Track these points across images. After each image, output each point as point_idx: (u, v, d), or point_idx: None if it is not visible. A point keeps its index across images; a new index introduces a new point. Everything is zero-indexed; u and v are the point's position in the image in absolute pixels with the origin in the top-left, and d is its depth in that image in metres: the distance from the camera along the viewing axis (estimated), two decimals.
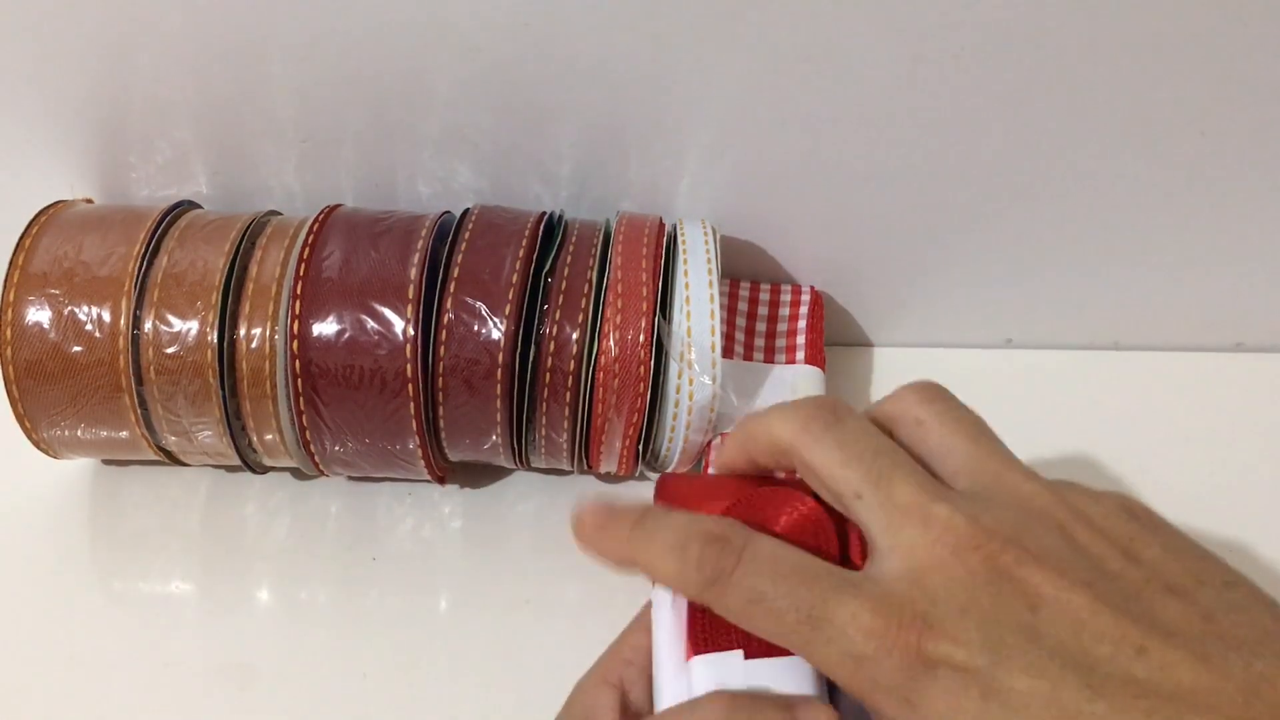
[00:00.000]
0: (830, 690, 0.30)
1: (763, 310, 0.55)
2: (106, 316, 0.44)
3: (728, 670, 0.30)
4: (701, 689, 0.29)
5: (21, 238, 0.46)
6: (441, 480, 0.49)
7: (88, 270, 0.45)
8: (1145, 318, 0.57)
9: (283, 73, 0.48)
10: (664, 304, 0.45)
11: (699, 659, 0.30)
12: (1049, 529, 0.28)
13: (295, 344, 0.44)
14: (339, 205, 0.49)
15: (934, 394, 0.32)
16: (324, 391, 0.44)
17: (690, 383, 0.45)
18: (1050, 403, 0.55)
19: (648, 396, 0.44)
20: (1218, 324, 0.57)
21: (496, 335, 0.44)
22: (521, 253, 0.45)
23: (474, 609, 0.48)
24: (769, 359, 0.53)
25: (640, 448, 0.47)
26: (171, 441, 0.47)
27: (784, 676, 0.30)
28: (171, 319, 0.44)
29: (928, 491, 0.28)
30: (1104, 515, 0.29)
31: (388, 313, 0.44)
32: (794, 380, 0.51)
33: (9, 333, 0.44)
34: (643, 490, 0.52)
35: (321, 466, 0.48)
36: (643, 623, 0.33)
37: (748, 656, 0.30)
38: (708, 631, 0.30)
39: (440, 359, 0.44)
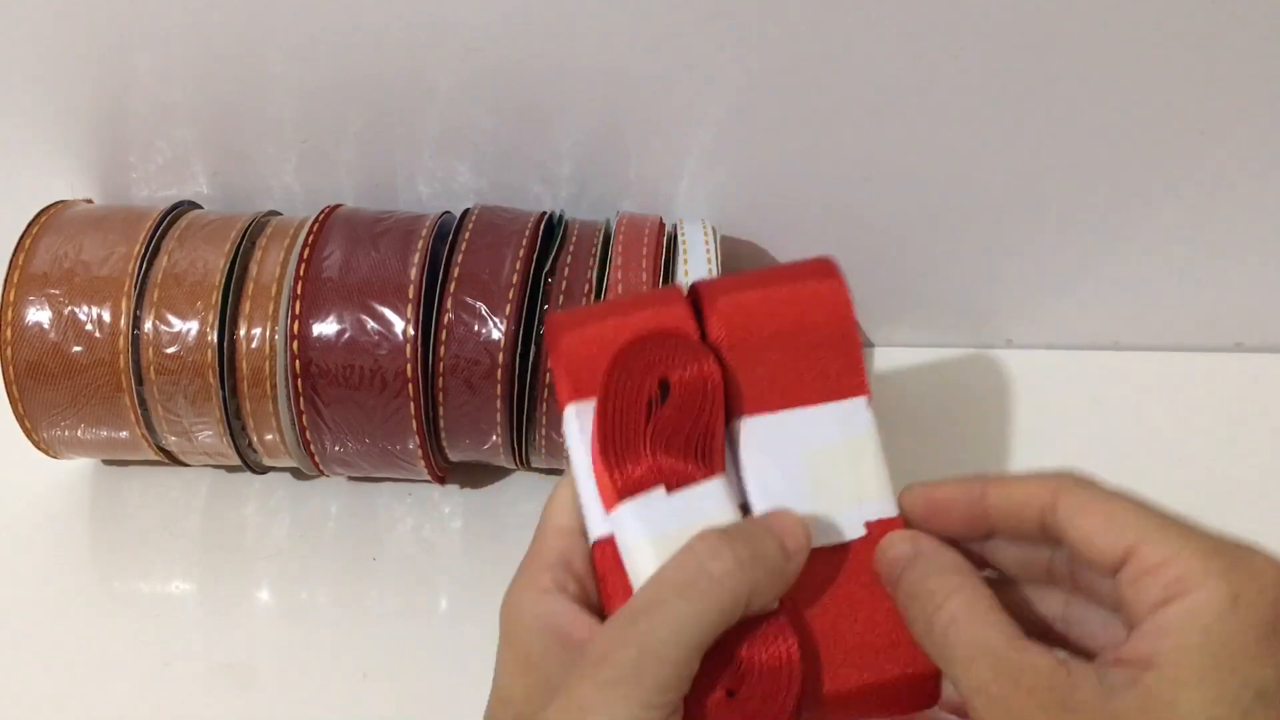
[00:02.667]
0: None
1: None
2: (106, 316, 0.44)
3: (653, 508, 0.31)
4: (634, 532, 0.30)
5: (22, 238, 0.46)
6: (441, 480, 0.49)
7: (88, 270, 0.45)
8: (1145, 318, 0.57)
9: (283, 73, 0.48)
10: None
11: (624, 504, 0.31)
12: None
13: (295, 344, 0.44)
14: (339, 205, 0.49)
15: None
16: (324, 391, 0.44)
17: None
18: (1050, 403, 0.55)
19: None
20: (1218, 324, 0.57)
21: (496, 335, 0.44)
22: (522, 253, 0.45)
23: (474, 609, 0.48)
24: None
25: None
26: (171, 441, 0.47)
27: (705, 501, 0.31)
28: (171, 319, 0.44)
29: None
30: None
31: (388, 313, 0.44)
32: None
33: (9, 333, 0.44)
34: None
35: (321, 466, 0.48)
36: (550, 526, 0.33)
37: (669, 490, 0.31)
38: (628, 478, 0.31)
39: (440, 359, 0.44)
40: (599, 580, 0.32)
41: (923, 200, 0.52)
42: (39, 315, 0.45)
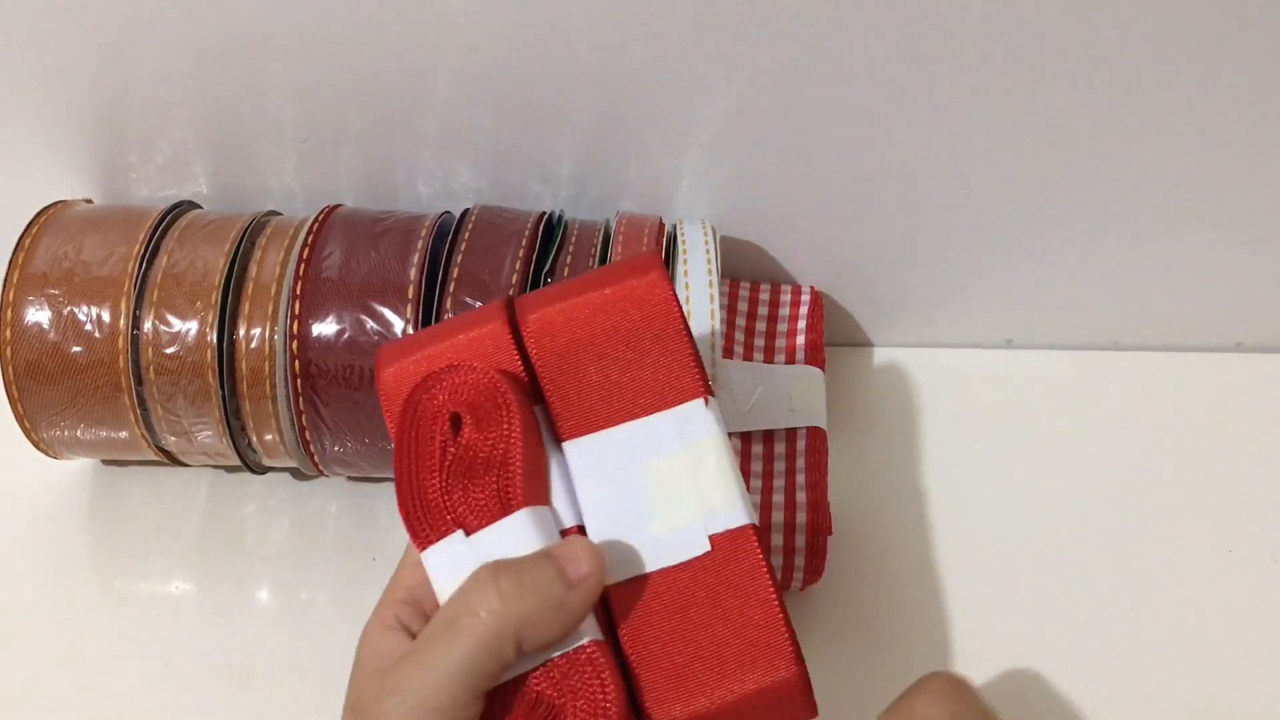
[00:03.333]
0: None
1: (762, 310, 0.55)
2: (106, 316, 0.44)
3: (455, 552, 0.30)
4: (440, 579, 0.30)
5: (21, 238, 0.46)
6: None
7: (87, 270, 0.45)
8: (1145, 318, 0.57)
9: (283, 73, 0.48)
10: None
11: (426, 553, 0.30)
12: None
13: (295, 344, 0.44)
14: (339, 205, 0.49)
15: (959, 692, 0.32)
16: (324, 392, 0.44)
17: None
18: (1050, 403, 0.55)
19: None
20: (1218, 324, 0.57)
21: None
22: (521, 253, 0.45)
23: None
24: (768, 359, 0.53)
25: None
26: (171, 442, 0.47)
27: (510, 537, 0.29)
28: (171, 319, 0.44)
29: None
30: None
31: (387, 313, 0.44)
32: (793, 380, 0.51)
33: (9, 333, 0.44)
34: None
35: (321, 467, 0.48)
36: (405, 558, 0.32)
37: (469, 533, 0.30)
38: (424, 524, 0.30)
39: None
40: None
41: (922, 200, 0.51)
42: (39, 315, 0.45)
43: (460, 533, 0.30)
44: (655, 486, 0.31)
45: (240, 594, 0.48)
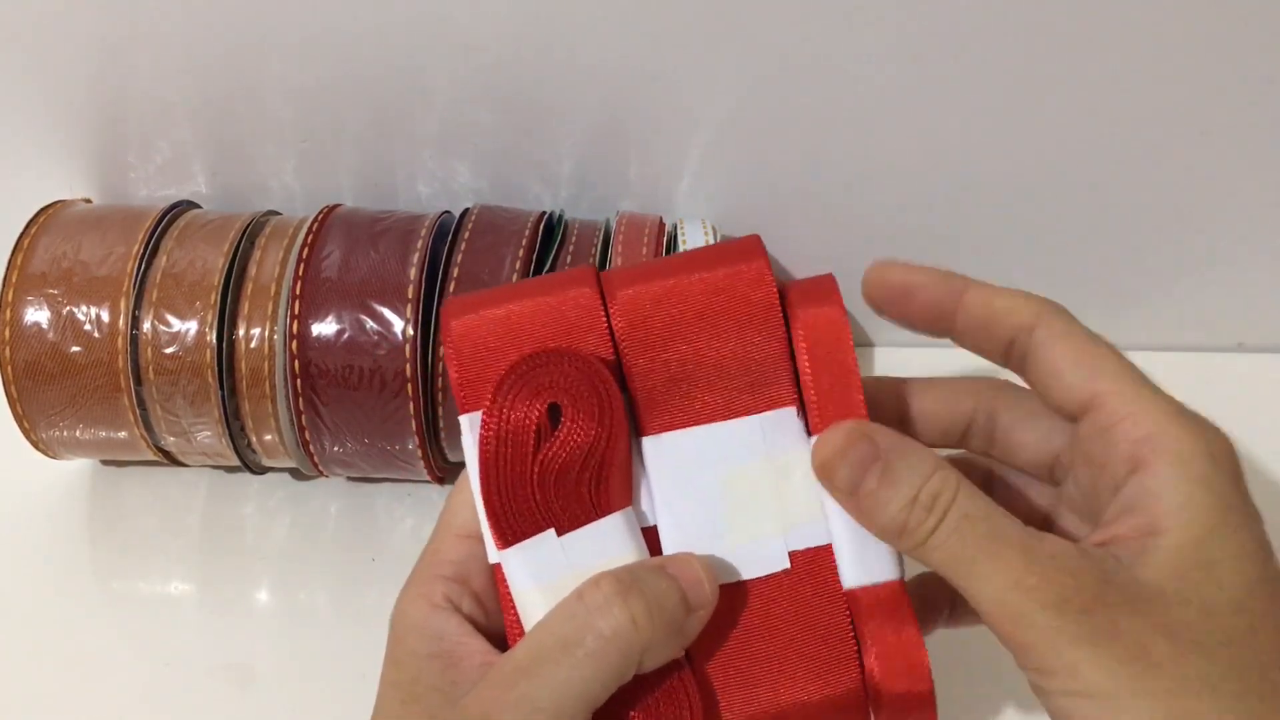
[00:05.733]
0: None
1: None
2: (105, 316, 0.44)
3: (545, 553, 0.28)
4: (523, 581, 0.28)
5: (20, 238, 0.46)
6: (441, 481, 0.49)
7: (86, 270, 0.45)
8: (1146, 317, 0.57)
9: (282, 73, 0.48)
10: None
11: (510, 551, 0.28)
12: None
13: (294, 344, 0.44)
14: (338, 205, 0.49)
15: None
16: (323, 392, 0.44)
17: None
18: None
19: None
20: (1218, 324, 0.57)
21: None
22: (521, 253, 0.45)
23: None
24: None
25: None
26: (170, 442, 0.47)
27: (600, 542, 0.28)
28: (170, 319, 0.44)
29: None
30: None
31: (387, 313, 0.44)
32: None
33: (7, 333, 0.44)
34: None
35: (321, 467, 0.48)
36: (449, 529, 0.31)
37: (560, 533, 0.28)
38: (512, 521, 0.28)
39: (440, 359, 0.44)
40: (501, 602, 0.29)
41: (923, 200, 0.51)
42: (37, 315, 0.44)
43: (551, 532, 0.28)
44: (736, 495, 0.29)
45: (240, 594, 0.48)
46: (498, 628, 0.30)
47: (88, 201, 0.51)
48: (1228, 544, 0.26)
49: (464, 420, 0.30)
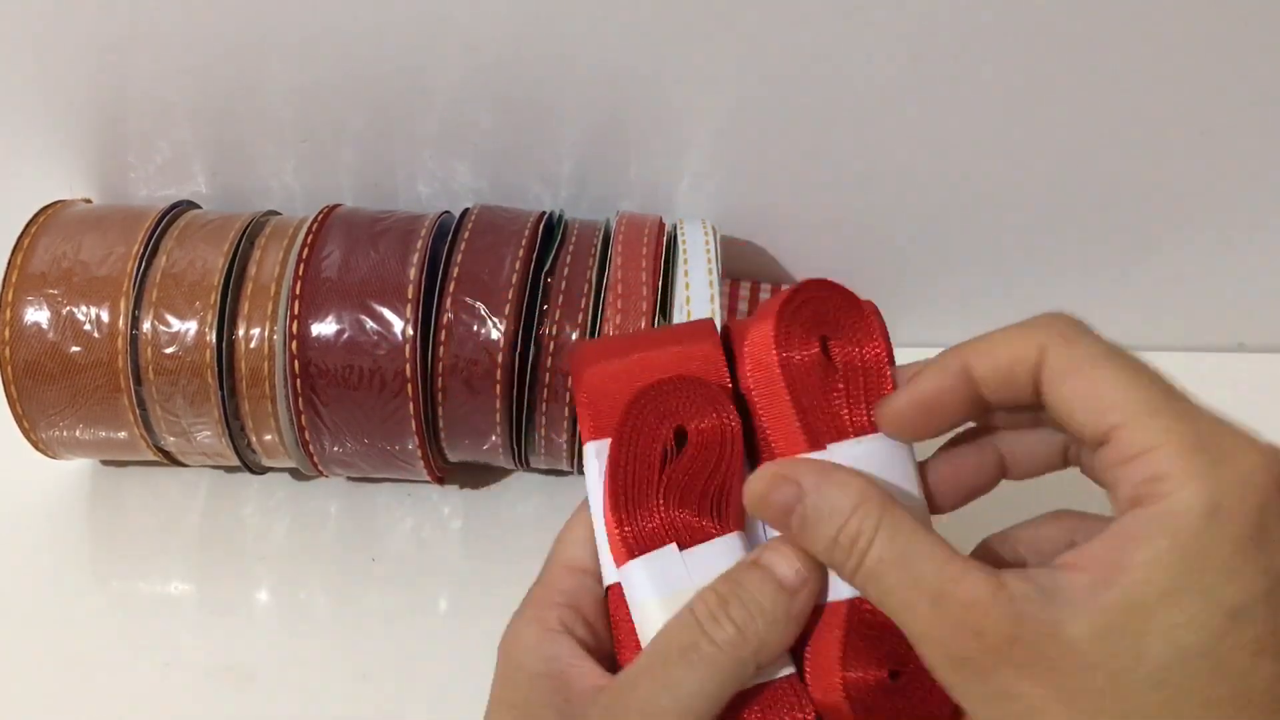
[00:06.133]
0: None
1: None
2: (105, 316, 0.44)
3: (667, 565, 0.29)
4: (644, 591, 0.29)
5: (20, 238, 0.46)
6: (440, 481, 0.49)
7: (86, 270, 0.45)
8: (1146, 317, 0.57)
9: (282, 73, 0.48)
10: (664, 304, 0.45)
11: (633, 562, 0.29)
12: None
13: (294, 344, 0.44)
14: (338, 205, 0.48)
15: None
16: (323, 392, 0.44)
17: None
18: None
19: None
20: (1218, 324, 0.57)
21: (496, 335, 0.44)
22: (521, 253, 0.45)
23: (474, 609, 0.48)
24: None
25: None
26: (170, 442, 0.47)
27: (719, 559, 0.29)
28: (170, 319, 0.44)
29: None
30: None
31: (387, 313, 0.44)
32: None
33: (7, 333, 0.44)
34: None
35: (320, 467, 0.48)
36: (560, 561, 0.32)
37: (682, 547, 0.29)
38: (640, 534, 0.30)
39: (440, 359, 0.44)
40: (614, 625, 0.31)
41: (923, 200, 0.51)
42: (37, 315, 0.44)
43: (673, 546, 0.30)
44: None
45: (239, 594, 0.48)
46: (608, 654, 0.31)
47: (88, 201, 0.51)
48: (1174, 611, 0.23)
49: (590, 448, 0.31)
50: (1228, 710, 0.23)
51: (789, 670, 0.29)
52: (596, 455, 0.31)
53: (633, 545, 0.30)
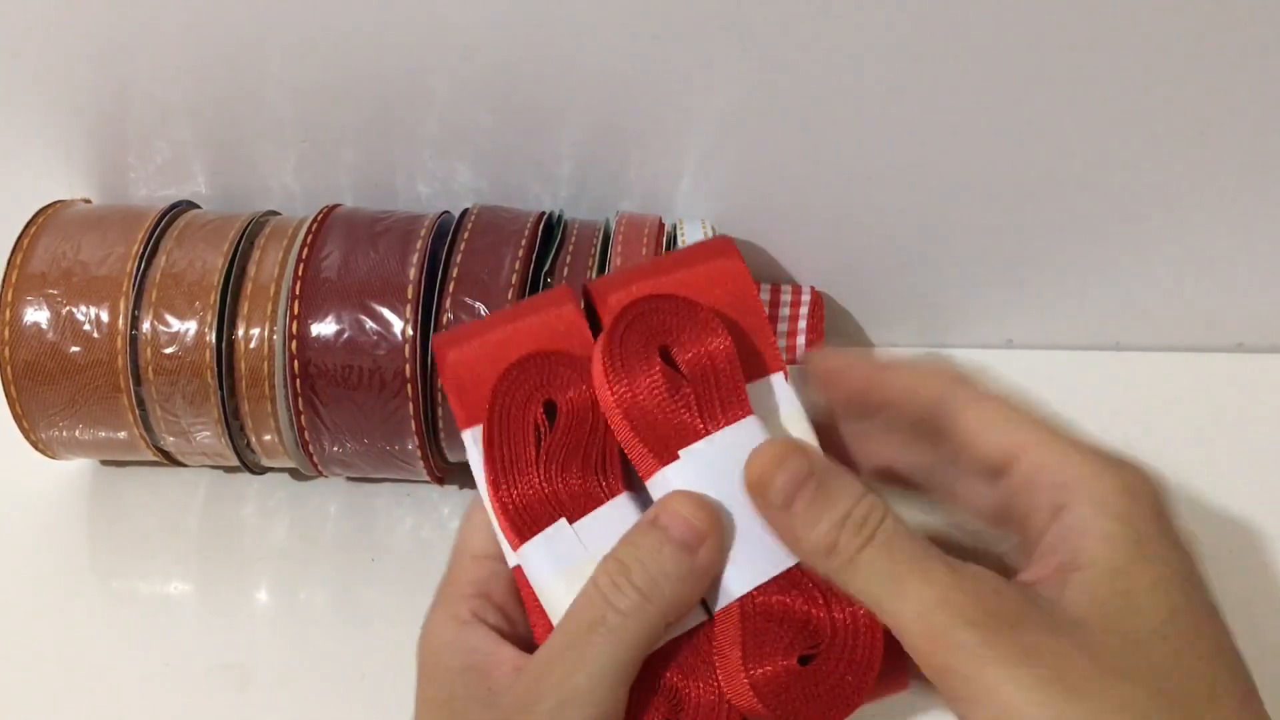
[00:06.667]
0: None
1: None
2: (105, 316, 0.44)
3: (560, 541, 0.29)
4: (543, 571, 0.29)
5: (20, 238, 0.46)
6: (440, 481, 0.49)
7: (86, 270, 0.45)
8: (1145, 318, 0.56)
9: (282, 73, 0.48)
10: None
11: (526, 545, 0.29)
12: None
13: (294, 344, 0.44)
14: (338, 205, 0.48)
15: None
16: (323, 392, 0.44)
17: None
18: (1050, 403, 0.55)
19: None
20: (1218, 324, 0.57)
21: None
22: (521, 253, 0.45)
23: None
24: None
25: None
26: (170, 442, 0.47)
27: (611, 523, 0.29)
28: (170, 319, 0.44)
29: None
30: None
31: (386, 313, 0.44)
32: (794, 381, 0.51)
33: (7, 333, 0.44)
34: None
35: (320, 467, 0.48)
36: (465, 551, 0.32)
37: (572, 521, 0.29)
38: (525, 517, 0.29)
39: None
40: (527, 606, 0.30)
41: (923, 200, 0.51)
42: (37, 315, 0.44)
43: (563, 521, 0.29)
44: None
45: (239, 594, 0.48)
46: (525, 636, 0.31)
47: (87, 201, 0.51)
48: (1144, 576, 0.26)
49: (468, 435, 0.31)
50: (1215, 665, 0.25)
51: (702, 618, 0.29)
52: (474, 442, 0.31)
53: (522, 528, 0.29)
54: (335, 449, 0.46)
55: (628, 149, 0.51)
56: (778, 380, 0.31)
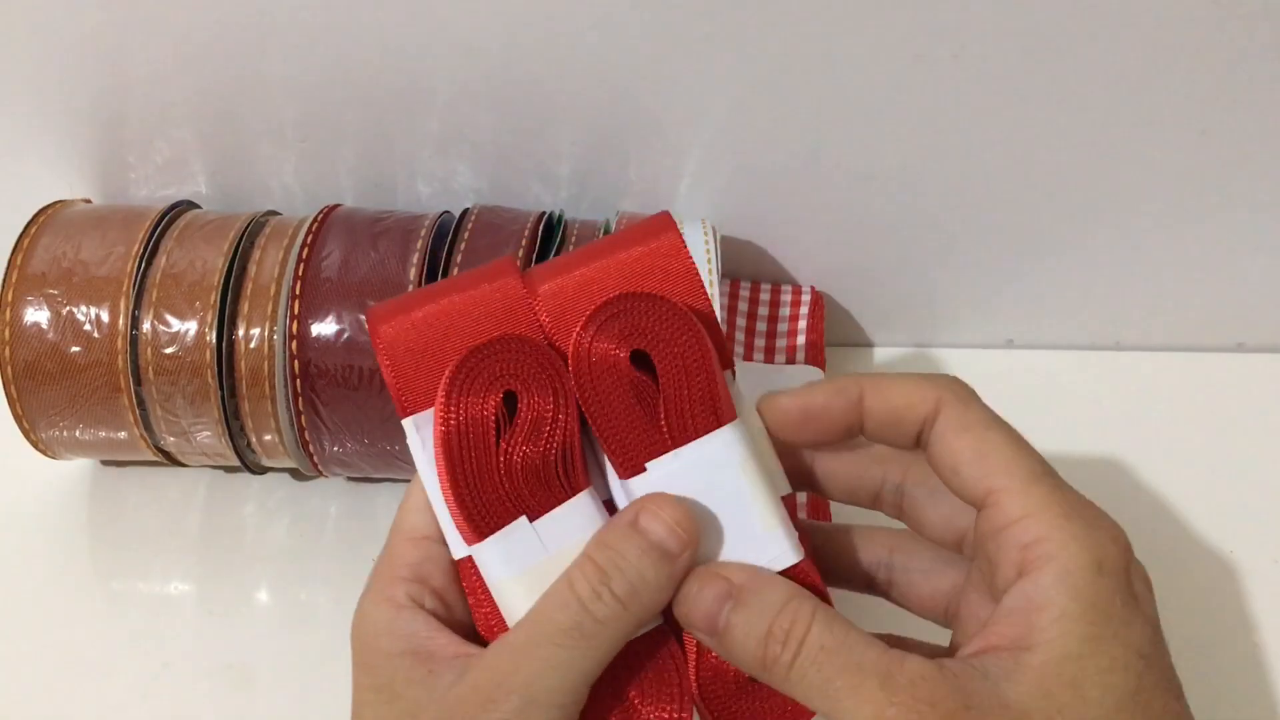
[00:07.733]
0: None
1: (763, 310, 0.55)
2: (105, 316, 0.44)
3: (519, 540, 0.28)
4: (500, 571, 0.28)
5: (20, 238, 0.46)
6: None
7: (86, 270, 0.45)
8: (1145, 318, 0.57)
9: (283, 73, 0.48)
10: None
11: (485, 543, 0.28)
12: None
13: (294, 344, 0.44)
14: (338, 205, 0.49)
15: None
16: (323, 392, 0.44)
17: None
18: (1050, 403, 0.55)
19: None
20: (1218, 324, 0.57)
21: None
22: (521, 253, 0.45)
23: None
24: (769, 359, 0.53)
25: None
26: (170, 442, 0.47)
27: (572, 520, 0.29)
28: (170, 319, 0.44)
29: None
30: None
31: None
32: (793, 380, 0.51)
33: (7, 333, 0.44)
34: None
35: (320, 467, 0.48)
36: (401, 532, 0.31)
37: (533, 518, 0.28)
38: (483, 513, 0.28)
39: None
40: (470, 598, 0.30)
41: (923, 200, 0.51)
42: (37, 315, 0.44)
43: (523, 519, 0.28)
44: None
45: (239, 594, 0.48)
46: (462, 621, 0.30)
47: (87, 201, 0.51)
48: (1099, 658, 0.25)
49: (408, 423, 0.30)
50: None
51: (659, 621, 0.29)
52: (417, 429, 0.29)
53: (480, 525, 0.28)
54: (335, 449, 0.46)
55: (628, 149, 0.51)
56: (725, 378, 0.30)
